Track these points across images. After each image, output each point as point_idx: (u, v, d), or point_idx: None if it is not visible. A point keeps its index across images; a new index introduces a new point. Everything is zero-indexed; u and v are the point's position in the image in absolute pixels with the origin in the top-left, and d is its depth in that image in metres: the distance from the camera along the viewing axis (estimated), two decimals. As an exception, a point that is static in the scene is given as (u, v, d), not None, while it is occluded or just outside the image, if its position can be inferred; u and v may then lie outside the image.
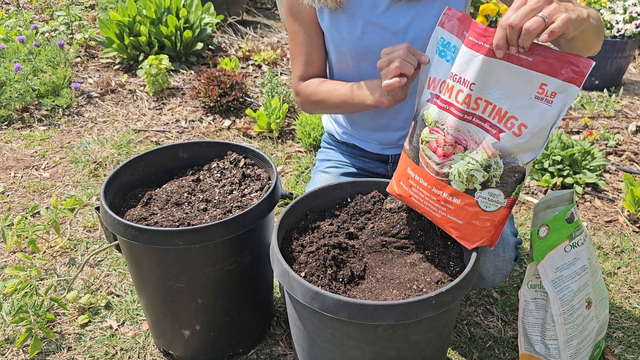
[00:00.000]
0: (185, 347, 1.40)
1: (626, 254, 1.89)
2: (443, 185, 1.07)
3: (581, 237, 1.25)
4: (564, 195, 1.23)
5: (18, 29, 3.68)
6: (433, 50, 1.11)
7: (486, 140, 1.01)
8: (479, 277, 1.31)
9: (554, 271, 1.23)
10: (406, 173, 1.15)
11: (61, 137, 2.68)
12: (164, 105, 3.04)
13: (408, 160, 1.15)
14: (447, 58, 1.07)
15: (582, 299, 1.26)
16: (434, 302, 0.96)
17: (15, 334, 1.54)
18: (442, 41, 1.08)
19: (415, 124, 1.13)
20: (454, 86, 1.03)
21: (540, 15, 0.90)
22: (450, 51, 1.06)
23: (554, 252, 1.22)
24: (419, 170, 1.11)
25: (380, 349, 1.02)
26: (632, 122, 2.90)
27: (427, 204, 1.11)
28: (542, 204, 1.24)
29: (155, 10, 3.46)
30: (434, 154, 1.07)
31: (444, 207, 1.08)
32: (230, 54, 3.77)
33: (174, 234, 1.17)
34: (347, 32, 1.37)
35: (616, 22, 3.25)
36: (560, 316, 1.24)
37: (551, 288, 1.22)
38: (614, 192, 2.27)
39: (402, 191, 1.17)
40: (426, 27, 1.32)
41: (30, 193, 2.22)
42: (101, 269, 1.80)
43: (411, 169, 1.13)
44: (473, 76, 0.99)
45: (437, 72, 1.09)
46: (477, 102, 1.00)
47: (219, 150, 1.52)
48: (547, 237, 1.21)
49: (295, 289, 1.01)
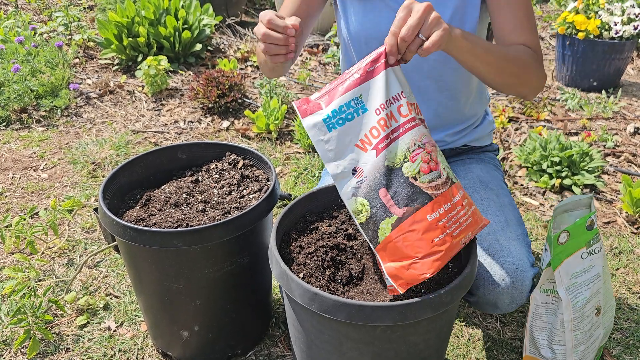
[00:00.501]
0: (183, 348, 1.40)
1: (624, 255, 1.89)
2: (449, 192, 1.01)
3: (598, 245, 1.24)
4: (582, 199, 1.22)
5: (16, 29, 3.68)
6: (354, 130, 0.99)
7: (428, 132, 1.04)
8: (493, 306, 1.28)
9: (569, 277, 1.21)
10: (419, 237, 0.97)
11: (59, 138, 2.68)
12: (162, 106, 3.04)
13: (414, 220, 0.97)
14: (360, 111, 0.99)
15: (593, 306, 1.26)
16: (433, 303, 0.96)
17: (14, 335, 1.54)
18: (340, 111, 0.99)
19: (383, 177, 0.98)
20: (391, 110, 0.99)
21: (420, 37, 0.97)
22: (357, 104, 0.99)
23: (571, 258, 1.21)
24: (429, 207, 0.97)
25: (378, 350, 1.02)
26: (630, 123, 2.91)
27: (454, 226, 0.99)
28: (560, 207, 1.23)
29: (154, 11, 3.46)
30: (432, 172, 0.99)
31: (463, 211, 1.01)
32: (229, 55, 3.78)
33: (173, 235, 1.17)
34: (362, 15, 1.35)
35: (614, 23, 3.26)
36: (571, 322, 1.23)
37: (565, 294, 1.21)
38: (612, 194, 2.28)
39: (437, 262, 0.96)
40: (442, 18, 1.31)
41: (28, 194, 2.22)
42: (99, 270, 1.80)
43: (420, 220, 0.96)
44: (397, 87, 1.00)
45: (364, 128, 0.99)
46: (412, 106, 1.02)
47: (217, 151, 1.52)
48: (566, 243, 1.20)
49: (293, 290, 1.01)
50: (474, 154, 1.57)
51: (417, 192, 0.97)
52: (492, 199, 1.39)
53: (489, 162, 1.56)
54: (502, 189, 1.45)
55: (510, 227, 1.31)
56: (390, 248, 0.97)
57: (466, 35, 1.08)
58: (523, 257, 1.26)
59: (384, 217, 0.97)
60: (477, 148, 1.58)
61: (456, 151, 1.56)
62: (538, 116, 2.94)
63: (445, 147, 1.53)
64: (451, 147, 1.53)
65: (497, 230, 1.30)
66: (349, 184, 0.98)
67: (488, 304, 1.28)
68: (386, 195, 0.97)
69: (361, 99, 0.98)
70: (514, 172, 2.43)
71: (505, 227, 1.31)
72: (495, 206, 1.36)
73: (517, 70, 1.21)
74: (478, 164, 1.52)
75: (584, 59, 3.35)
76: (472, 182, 1.45)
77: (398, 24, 0.98)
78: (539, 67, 1.26)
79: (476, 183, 1.44)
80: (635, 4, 3.32)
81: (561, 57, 3.48)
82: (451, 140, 1.51)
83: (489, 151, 1.61)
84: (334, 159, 0.99)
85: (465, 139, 1.53)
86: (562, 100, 3.21)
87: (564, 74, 3.50)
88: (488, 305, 1.29)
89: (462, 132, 1.52)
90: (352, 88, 0.98)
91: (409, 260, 0.95)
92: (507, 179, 2.38)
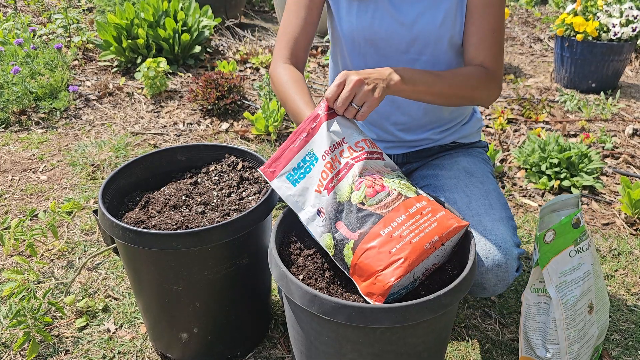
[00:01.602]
0: (183, 350, 1.40)
1: (623, 257, 1.89)
2: (402, 206, 1.07)
3: (586, 243, 1.25)
4: (569, 199, 1.23)
5: (16, 31, 3.68)
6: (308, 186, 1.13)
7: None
8: (480, 287, 1.30)
9: (558, 276, 1.22)
10: (378, 253, 1.03)
11: (59, 140, 2.68)
12: (161, 108, 3.04)
13: (373, 236, 1.04)
14: (314, 162, 1.12)
15: (584, 304, 1.26)
16: (432, 305, 0.96)
17: (13, 338, 1.54)
18: (299, 167, 1.14)
19: (337, 212, 1.09)
20: (335, 154, 1.12)
21: (354, 106, 1.12)
22: (310, 157, 1.13)
23: (559, 257, 1.22)
24: (382, 224, 1.05)
25: (378, 352, 1.02)
26: (628, 125, 2.92)
27: (413, 234, 1.04)
28: (547, 207, 1.24)
29: (153, 13, 3.46)
30: (379, 194, 1.08)
31: (424, 218, 1.07)
32: (228, 57, 3.78)
33: (172, 237, 1.17)
34: (355, 16, 1.37)
35: (613, 25, 3.27)
36: (563, 321, 1.24)
37: (555, 293, 1.22)
38: (611, 195, 2.28)
39: (398, 269, 1.00)
40: (434, 21, 1.33)
41: (27, 196, 2.22)
42: (99, 272, 1.80)
43: (375, 237, 1.04)
44: (338, 135, 1.13)
45: (318, 175, 1.11)
46: (356, 146, 1.15)
47: (217, 153, 1.52)
48: (553, 242, 1.21)
49: (293, 292, 1.01)
50: (462, 149, 1.60)
51: (367, 214, 1.06)
52: (476, 185, 1.42)
53: (477, 155, 1.58)
54: (488, 177, 1.48)
55: (494, 210, 1.34)
56: (357, 270, 1.04)
57: (407, 79, 1.18)
58: (507, 236, 1.27)
59: (344, 244, 1.05)
60: (466, 145, 1.61)
61: (445, 148, 1.59)
62: (537, 118, 2.95)
63: (433, 144, 1.56)
64: (440, 144, 1.57)
65: (481, 213, 1.32)
66: (317, 225, 1.10)
67: (475, 285, 1.30)
68: (342, 225, 1.07)
69: (313, 152, 1.13)
70: (513, 174, 2.44)
71: (489, 210, 1.34)
72: (480, 192, 1.39)
73: (463, 93, 1.30)
74: (465, 156, 1.55)
75: (583, 61, 3.35)
76: (457, 172, 1.47)
77: (331, 95, 1.12)
78: (490, 85, 1.34)
79: (462, 173, 1.47)
80: (633, 6, 3.33)
81: (560, 58, 3.48)
82: (439, 137, 1.55)
83: (478, 147, 1.64)
84: (302, 207, 1.12)
85: (453, 136, 1.57)
86: (560, 102, 3.22)
87: (563, 75, 3.51)
88: (475, 287, 1.31)
89: (450, 130, 1.55)
90: (303, 146, 1.14)
91: (374, 275, 1.01)
92: (505, 181, 2.38)
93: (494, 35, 1.33)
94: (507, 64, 4.04)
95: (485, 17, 1.32)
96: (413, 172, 1.60)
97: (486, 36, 1.33)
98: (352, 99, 1.12)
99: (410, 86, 1.19)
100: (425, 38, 1.35)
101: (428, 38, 1.35)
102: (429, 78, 1.24)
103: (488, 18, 1.32)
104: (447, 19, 1.33)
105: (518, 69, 3.92)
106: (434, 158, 1.58)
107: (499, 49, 1.35)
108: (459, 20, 1.34)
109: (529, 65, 4.02)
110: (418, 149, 1.56)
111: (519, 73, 3.84)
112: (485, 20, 1.32)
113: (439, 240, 1.05)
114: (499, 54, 1.35)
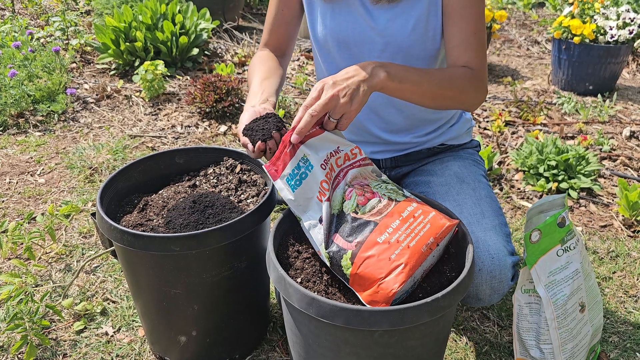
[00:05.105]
0: (181, 353, 1.39)
1: (621, 259, 1.90)
2: (395, 211, 1.08)
3: (573, 242, 1.26)
4: (556, 200, 1.24)
5: (13, 34, 3.68)
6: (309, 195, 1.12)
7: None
8: (475, 298, 1.29)
9: (547, 275, 1.23)
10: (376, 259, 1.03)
11: (57, 142, 2.68)
12: (159, 110, 3.04)
13: (369, 244, 1.04)
14: (310, 169, 1.11)
15: (575, 302, 1.27)
16: (430, 307, 0.96)
17: (10, 341, 1.54)
18: (294, 173, 1.12)
19: (332, 224, 1.10)
20: (331, 163, 1.13)
21: (332, 120, 1.11)
22: (305, 162, 1.11)
23: (546, 256, 1.23)
24: (377, 231, 1.05)
25: (376, 355, 1.02)
26: (626, 127, 2.92)
27: (409, 238, 1.05)
28: (534, 209, 1.25)
29: (151, 16, 3.46)
30: (371, 200, 1.09)
31: (417, 221, 1.08)
32: (226, 60, 3.78)
33: (170, 240, 1.17)
34: (330, 19, 1.38)
35: (610, 28, 3.28)
36: (554, 320, 1.24)
37: (544, 292, 1.23)
38: (609, 197, 2.28)
39: (400, 275, 1.00)
40: (405, 28, 1.32)
41: (25, 199, 2.22)
42: (97, 275, 1.79)
43: (372, 245, 1.03)
44: (333, 144, 1.14)
45: (317, 183, 1.11)
46: (350, 153, 1.17)
47: (215, 156, 1.52)
48: (539, 242, 1.21)
49: (291, 295, 1.01)
50: (452, 152, 1.58)
51: (362, 223, 1.06)
52: (468, 192, 1.40)
53: (468, 157, 1.56)
54: (480, 182, 1.45)
55: (486, 218, 1.32)
56: (357, 280, 1.03)
57: (394, 75, 1.15)
58: (499, 245, 1.26)
59: (341, 256, 1.04)
60: (456, 146, 1.60)
61: (434, 150, 1.57)
62: (534, 120, 2.95)
63: (421, 147, 1.55)
64: (428, 146, 1.55)
65: (472, 223, 1.31)
66: (318, 232, 1.09)
67: (469, 296, 1.29)
68: (338, 237, 1.07)
69: (307, 158, 1.11)
70: (511, 176, 2.44)
71: (481, 219, 1.32)
72: (471, 199, 1.37)
73: (451, 93, 1.27)
74: (456, 160, 1.53)
75: (580, 63, 3.36)
76: (449, 179, 1.46)
77: (309, 107, 1.09)
78: (477, 86, 1.31)
79: (453, 179, 1.45)
80: (630, 8, 3.34)
81: (557, 61, 3.49)
82: (425, 140, 1.53)
83: (469, 148, 1.62)
84: (304, 212, 1.11)
85: (441, 138, 1.55)
86: (558, 104, 3.23)
87: (560, 78, 3.52)
88: (470, 297, 1.30)
89: (437, 131, 1.54)
90: (295, 152, 1.12)
91: (376, 283, 1.01)
92: (503, 183, 2.38)
93: (475, 36, 1.31)
94: (504, 67, 4.05)
95: (465, 18, 1.30)
96: (404, 178, 1.59)
97: (468, 37, 1.31)
98: (330, 114, 1.10)
99: (396, 84, 1.16)
100: (397, 44, 1.34)
101: (400, 44, 1.34)
102: (416, 77, 1.20)
103: (468, 19, 1.30)
104: (419, 26, 1.32)
105: (515, 72, 3.93)
106: (424, 163, 1.56)
107: (482, 50, 1.33)
108: (432, 26, 1.33)
109: (526, 68, 4.04)
110: (406, 152, 1.55)
111: (516, 75, 3.85)
112: (465, 22, 1.30)
113: (434, 241, 1.06)
114: (483, 55, 1.34)
